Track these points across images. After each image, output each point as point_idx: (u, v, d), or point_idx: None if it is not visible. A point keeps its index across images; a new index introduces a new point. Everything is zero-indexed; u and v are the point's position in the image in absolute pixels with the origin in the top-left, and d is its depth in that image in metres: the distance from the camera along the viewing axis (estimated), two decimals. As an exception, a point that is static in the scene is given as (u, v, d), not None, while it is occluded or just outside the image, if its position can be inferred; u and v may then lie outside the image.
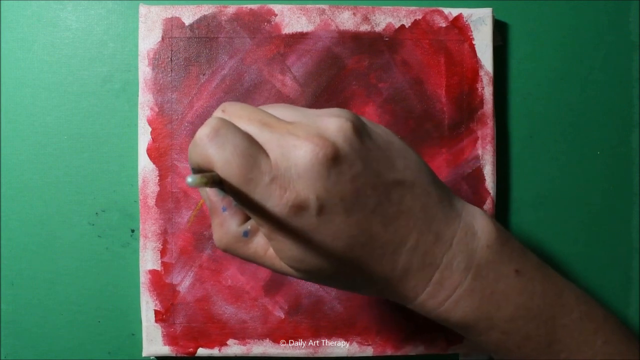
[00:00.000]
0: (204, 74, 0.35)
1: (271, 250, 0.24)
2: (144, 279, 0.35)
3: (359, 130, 0.23)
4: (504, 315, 0.25)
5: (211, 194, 0.25)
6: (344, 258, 0.23)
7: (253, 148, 0.22)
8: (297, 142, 0.22)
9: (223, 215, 0.24)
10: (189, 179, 0.19)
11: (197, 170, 0.23)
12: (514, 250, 0.25)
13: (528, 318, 0.25)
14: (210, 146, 0.21)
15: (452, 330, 0.28)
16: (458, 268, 0.24)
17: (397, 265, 0.24)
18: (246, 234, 0.24)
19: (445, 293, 0.24)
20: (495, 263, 0.25)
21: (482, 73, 0.36)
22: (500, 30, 0.37)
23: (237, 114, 0.23)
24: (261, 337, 0.35)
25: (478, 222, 0.25)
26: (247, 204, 0.22)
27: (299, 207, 0.22)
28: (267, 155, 0.22)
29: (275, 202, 0.21)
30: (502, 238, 0.25)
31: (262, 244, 0.24)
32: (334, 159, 0.22)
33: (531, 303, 0.25)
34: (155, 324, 0.35)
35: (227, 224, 0.24)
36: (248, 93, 0.35)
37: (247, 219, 0.24)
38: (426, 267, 0.24)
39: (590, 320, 0.26)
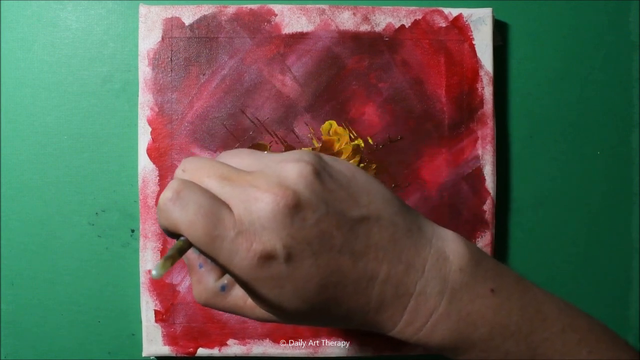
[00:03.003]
0: (204, 74, 0.35)
1: (250, 300, 0.25)
2: (144, 279, 0.35)
3: (320, 173, 0.23)
4: (482, 334, 0.25)
5: (187, 252, 0.26)
6: (319, 299, 0.24)
7: (216, 205, 0.22)
8: (257, 194, 0.22)
9: (200, 272, 0.26)
10: (154, 272, 0.20)
11: (167, 232, 0.24)
12: (488, 270, 0.26)
13: (506, 335, 0.25)
14: (173, 210, 0.22)
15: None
16: (432, 294, 0.24)
17: (371, 298, 0.24)
18: (224, 288, 0.25)
19: (422, 319, 0.24)
20: (469, 285, 0.25)
21: (482, 73, 0.36)
22: (500, 30, 0.37)
23: (197, 172, 0.23)
24: (261, 337, 0.35)
25: (449, 246, 0.25)
26: (216, 262, 0.23)
27: (267, 257, 0.22)
28: (230, 210, 0.22)
29: (243, 255, 0.22)
30: (475, 259, 0.25)
31: (241, 295, 0.25)
32: (296, 206, 0.22)
33: (508, 320, 0.25)
34: (155, 324, 0.35)
35: (204, 280, 0.26)
36: (248, 93, 0.35)
37: (224, 273, 0.25)
38: (400, 297, 0.24)
39: (574, 330, 0.26)
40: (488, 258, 0.26)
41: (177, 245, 0.22)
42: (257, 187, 0.22)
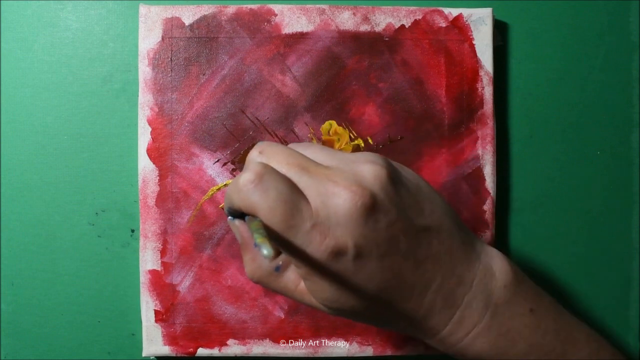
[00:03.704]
0: (204, 74, 0.35)
1: (301, 286, 0.25)
2: (144, 279, 0.35)
3: (393, 177, 0.24)
4: (518, 351, 0.26)
5: (243, 230, 0.26)
6: (375, 299, 0.24)
7: (295, 195, 0.22)
8: (336, 189, 0.22)
9: (255, 250, 0.26)
10: (267, 252, 0.20)
11: (234, 210, 0.24)
12: (528, 290, 0.27)
13: (540, 354, 0.26)
14: (254, 192, 0.22)
15: None
16: (477, 307, 0.25)
17: (422, 305, 0.25)
18: (278, 268, 0.26)
19: (464, 331, 0.25)
20: (511, 302, 0.26)
21: (482, 73, 0.36)
22: (500, 30, 0.37)
23: (275, 157, 0.24)
24: (261, 337, 0.35)
25: (496, 263, 0.26)
26: (287, 249, 0.23)
27: (338, 253, 0.22)
28: (307, 201, 0.23)
29: (315, 247, 0.22)
30: (518, 278, 0.26)
31: (293, 278, 0.26)
32: (371, 207, 0.22)
33: (544, 340, 0.26)
34: (155, 324, 0.35)
35: (259, 259, 0.26)
36: (248, 93, 0.35)
37: (279, 253, 0.25)
38: (448, 308, 0.25)
39: (599, 357, 0.27)
40: (528, 279, 0.27)
41: (258, 227, 0.22)
42: (335, 183, 0.22)
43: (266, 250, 0.20)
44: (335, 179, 0.23)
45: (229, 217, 0.26)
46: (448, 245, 0.25)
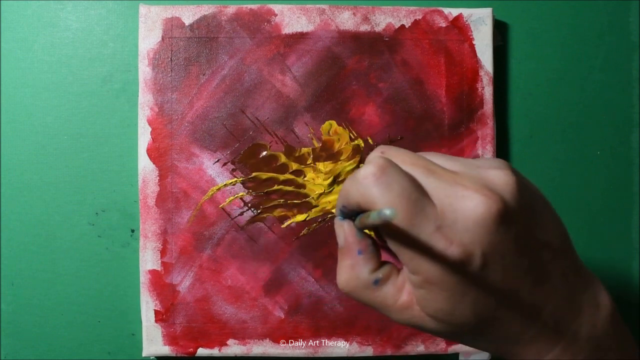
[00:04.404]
0: (204, 74, 0.35)
1: (401, 301, 0.23)
2: (144, 279, 0.35)
3: (521, 185, 0.22)
4: None
5: (348, 233, 0.24)
6: (490, 315, 0.22)
7: (419, 193, 0.21)
8: (466, 192, 0.21)
9: (357, 257, 0.24)
10: (390, 213, 0.18)
11: (349, 208, 0.23)
12: (620, 324, 0.26)
13: None
14: (375, 185, 0.21)
15: None
16: (582, 338, 0.24)
17: (531, 329, 0.23)
18: (377, 282, 0.23)
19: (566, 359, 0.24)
20: (610, 336, 0.25)
21: (482, 73, 0.36)
22: (500, 30, 0.37)
23: (399, 157, 0.22)
24: (261, 337, 0.35)
25: (600, 293, 0.25)
26: (409, 249, 0.21)
27: (464, 261, 0.21)
28: (432, 203, 0.21)
29: (439, 253, 0.21)
30: (615, 311, 0.25)
31: (392, 293, 0.24)
32: (503, 215, 0.21)
33: None
34: (155, 324, 0.35)
35: (358, 268, 0.24)
36: (248, 93, 0.35)
37: (380, 266, 0.24)
38: (556, 335, 0.23)
39: None
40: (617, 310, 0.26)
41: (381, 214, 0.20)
42: (465, 186, 0.21)
43: (389, 210, 0.18)
44: (465, 183, 0.21)
45: (338, 217, 0.24)
46: (564, 266, 0.23)
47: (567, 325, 0.23)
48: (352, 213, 0.23)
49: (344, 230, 0.24)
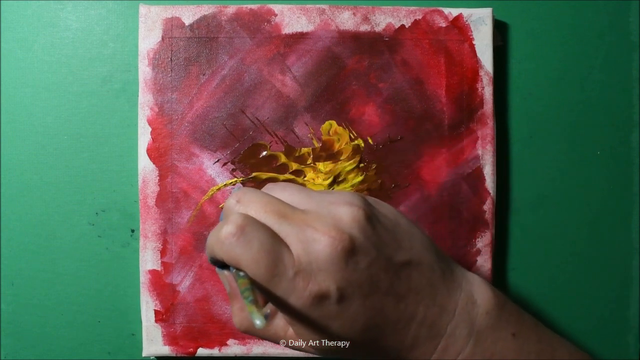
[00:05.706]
0: (204, 74, 0.35)
1: (291, 331, 0.26)
2: (144, 279, 0.35)
3: (370, 217, 0.24)
4: None
5: (231, 280, 0.26)
6: (361, 338, 0.25)
7: (277, 244, 0.23)
8: (315, 235, 0.23)
9: (243, 301, 0.26)
10: (260, 323, 0.21)
11: (216, 262, 0.24)
12: (511, 314, 0.27)
13: None
14: (237, 245, 0.22)
15: None
16: (461, 335, 0.26)
17: (407, 338, 0.25)
18: (266, 317, 0.26)
19: (449, 358, 0.26)
20: (494, 328, 0.26)
21: (482, 73, 0.36)
22: (500, 30, 0.37)
23: (253, 205, 0.24)
24: (261, 337, 0.35)
25: (477, 289, 0.27)
26: (271, 298, 0.23)
27: (321, 297, 0.23)
28: (289, 249, 0.23)
29: (299, 294, 0.23)
30: (500, 303, 0.27)
31: (282, 325, 0.26)
32: (351, 250, 0.23)
33: None
34: (155, 324, 0.35)
35: (247, 309, 0.26)
36: (248, 93, 0.35)
37: (266, 302, 0.26)
38: (433, 338, 0.25)
39: None
40: (510, 302, 0.28)
41: (244, 284, 0.22)
42: (315, 229, 0.23)
43: (259, 320, 0.21)
44: (314, 225, 0.23)
45: (217, 268, 0.26)
46: (428, 277, 0.25)
47: (443, 327, 0.25)
48: (224, 263, 0.24)
49: (226, 278, 0.26)
